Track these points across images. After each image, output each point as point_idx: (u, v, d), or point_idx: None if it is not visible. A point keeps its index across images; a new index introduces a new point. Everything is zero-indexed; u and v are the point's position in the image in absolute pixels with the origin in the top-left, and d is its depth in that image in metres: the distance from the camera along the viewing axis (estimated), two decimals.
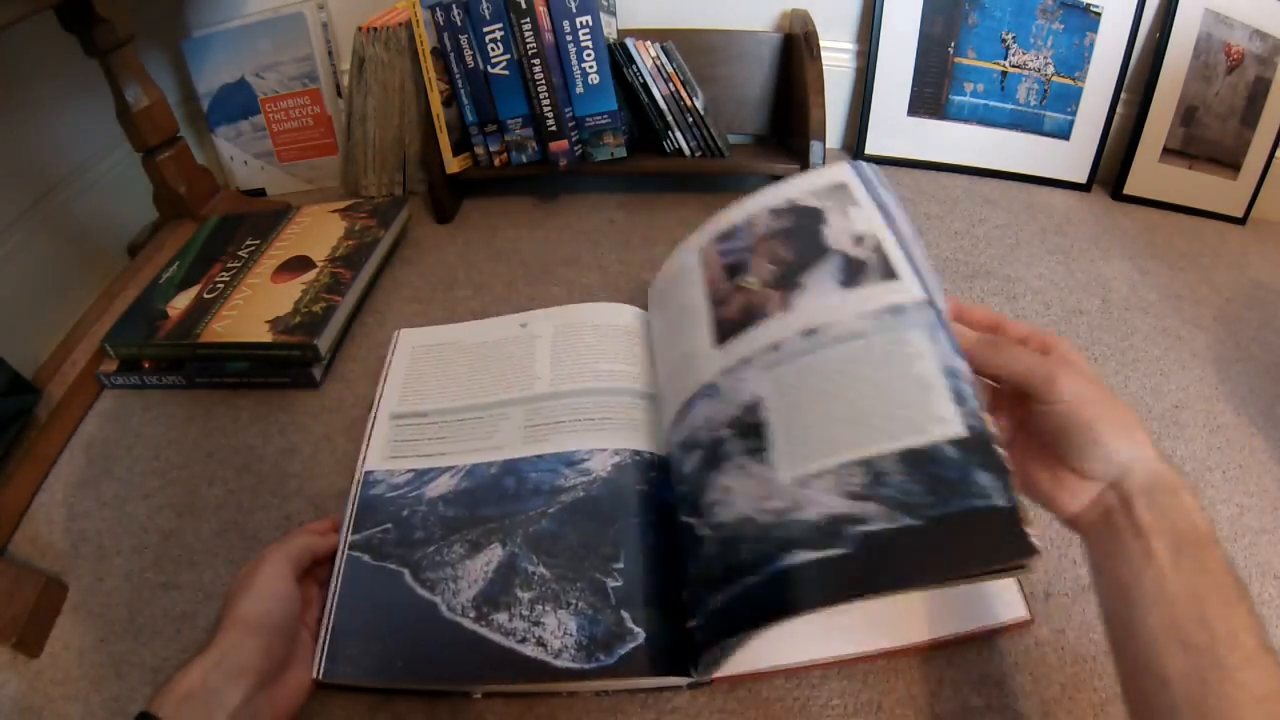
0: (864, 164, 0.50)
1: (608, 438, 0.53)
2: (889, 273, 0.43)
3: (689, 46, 0.91)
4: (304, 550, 0.47)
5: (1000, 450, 0.35)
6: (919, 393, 0.37)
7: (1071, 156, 1.00)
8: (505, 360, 0.63)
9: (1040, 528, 0.33)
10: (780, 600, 0.36)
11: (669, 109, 0.86)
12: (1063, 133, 0.99)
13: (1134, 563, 0.34)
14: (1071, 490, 0.37)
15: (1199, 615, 0.31)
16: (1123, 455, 0.35)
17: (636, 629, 0.42)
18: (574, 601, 0.44)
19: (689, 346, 0.51)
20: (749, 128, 0.99)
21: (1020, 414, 0.40)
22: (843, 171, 0.50)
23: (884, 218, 0.46)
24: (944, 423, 0.36)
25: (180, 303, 0.72)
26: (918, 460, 0.36)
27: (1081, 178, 1.01)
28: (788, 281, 0.46)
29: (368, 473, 0.54)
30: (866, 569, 0.34)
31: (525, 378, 0.60)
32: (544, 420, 0.56)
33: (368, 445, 0.57)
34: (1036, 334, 0.40)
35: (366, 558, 0.49)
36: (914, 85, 0.99)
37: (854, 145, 1.04)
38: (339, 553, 0.49)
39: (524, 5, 0.78)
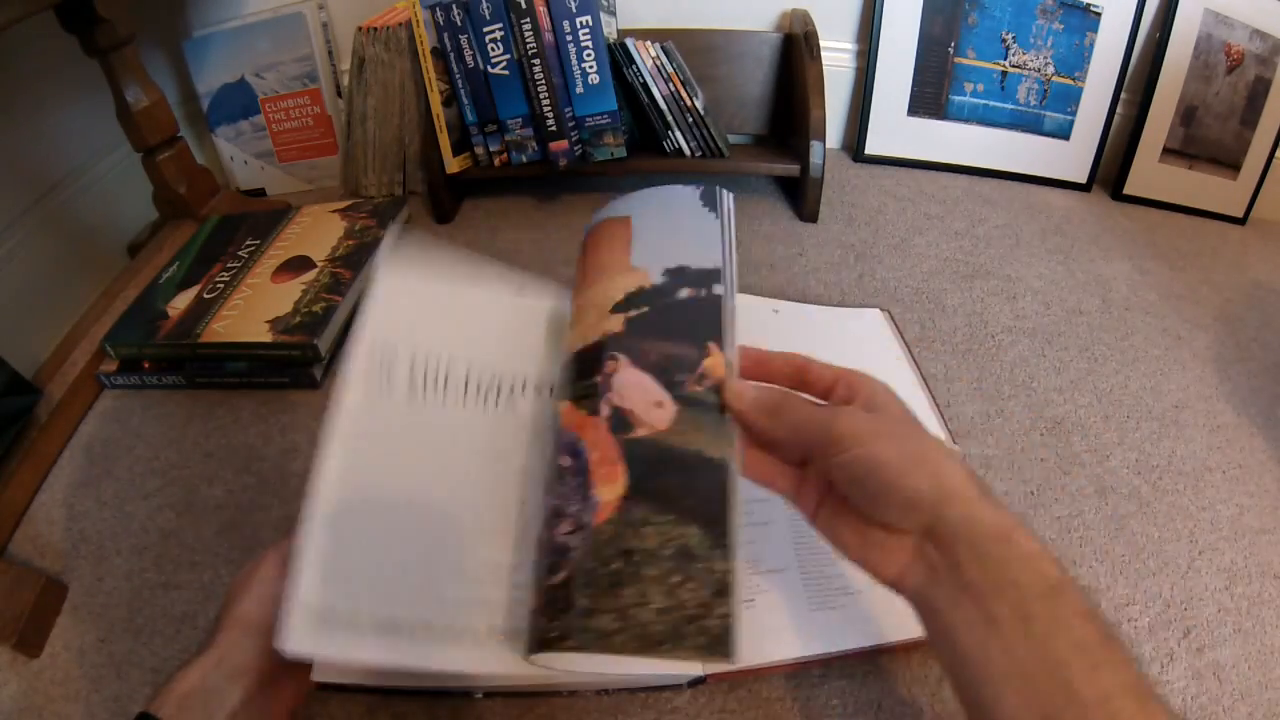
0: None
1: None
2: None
3: (689, 46, 0.91)
4: None
5: None
6: None
7: (1071, 156, 1.00)
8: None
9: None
10: None
11: (669, 109, 0.86)
12: (1063, 133, 0.99)
13: (975, 632, 0.29)
14: (885, 548, 0.33)
15: (1062, 685, 0.26)
16: (925, 496, 0.30)
17: None
18: None
19: None
20: (749, 128, 0.99)
21: (824, 473, 0.35)
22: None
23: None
24: None
25: (180, 303, 0.72)
26: None
27: (1081, 178, 1.01)
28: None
29: None
30: None
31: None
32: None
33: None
34: (843, 377, 0.36)
35: None
36: (914, 85, 0.99)
37: (854, 145, 1.04)
38: None
39: (524, 5, 0.78)
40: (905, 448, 0.32)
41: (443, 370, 0.47)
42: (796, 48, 0.89)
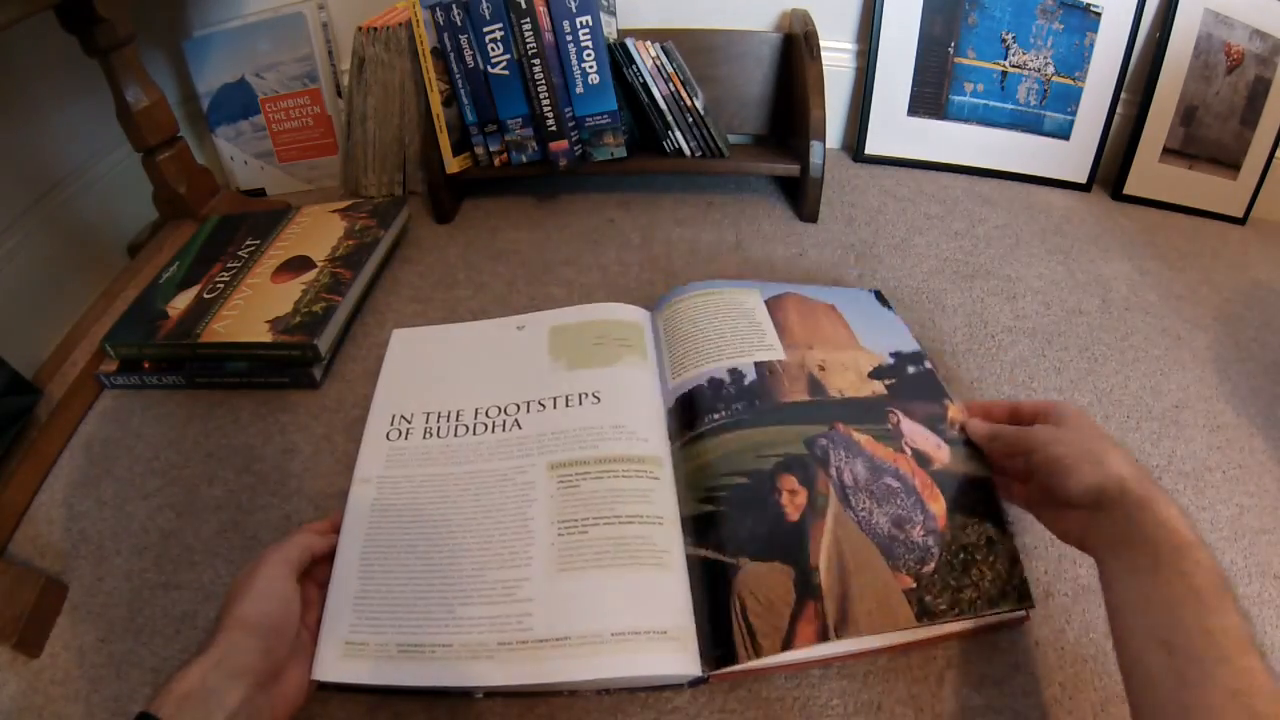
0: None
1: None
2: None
3: (689, 46, 0.91)
4: (303, 551, 0.46)
5: None
6: None
7: (1071, 156, 1.00)
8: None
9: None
10: None
11: (669, 109, 0.86)
12: (1063, 133, 0.99)
13: (1122, 576, 0.38)
14: (1066, 519, 0.44)
15: (1176, 619, 0.34)
16: (1091, 479, 0.40)
17: None
18: None
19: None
20: (749, 128, 0.99)
21: (1032, 476, 0.47)
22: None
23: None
24: None
25: (180, 303, 0.72)
26: None
27: (1081, 178, 1.01)
28: None
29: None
30: None
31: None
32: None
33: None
34: (1040, 405, 0.48)
35: None
36: (914, 85, 0.99)
37: (854, 145, 1.04)
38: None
39: (524, 5, 0.78)
40: (1076, 446, 0.43)
41: (454, 419, 0.58)
42: (796, 48, 0.89)
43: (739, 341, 0.60)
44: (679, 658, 0.42)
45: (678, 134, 0.88)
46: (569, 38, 0.80)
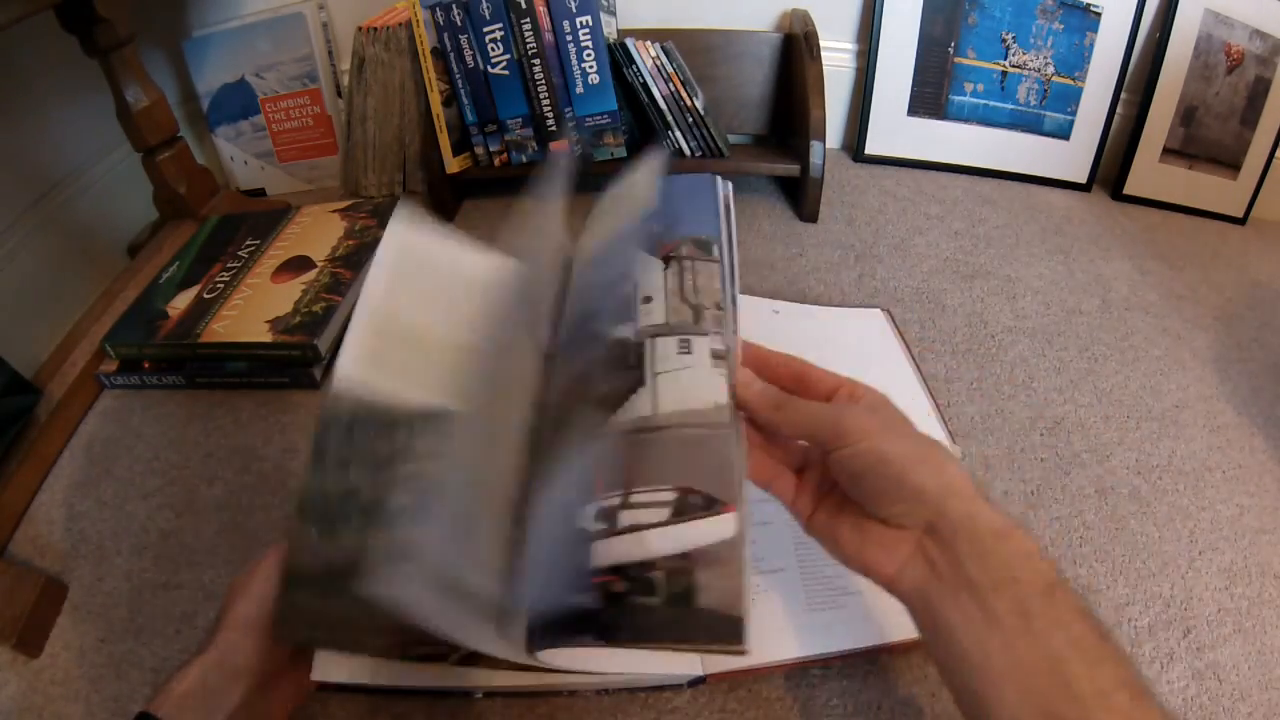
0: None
1: None
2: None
3: (689, 46, 0.91)
4: None
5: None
6: None
7: (1071, 156, 1.00)
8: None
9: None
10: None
11: (669, 109, 0.86)
12: (1063, 133, 0.99)
13: (974, 629, 0.29)
14: (884, 545, 0.33)
15: (1061, 682, 0.27)
16: (930, 491, 0.31)
17: None
18: None
19: None
20: (749, 128, 0.99)
21: (823, 475, 0.37)
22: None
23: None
24: None
25: (180, 303, 0.72)
26: None
27: (1081, 178, 1.01)
28: None
29: None
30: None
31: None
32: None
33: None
34: (845, 384, 0.37)
35: None
36: (914, 85, 0.99)
37: (854, 145, 1.04)
38: None
39: (524, 5, 0.78)
40: (911, 445, 0.33)
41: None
42: (796, 48, 0.89)
43: None
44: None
45: (678, 134, 0.88)
46: (569, 38, 0.80)
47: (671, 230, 0.44)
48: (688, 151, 0.89)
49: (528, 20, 0.78)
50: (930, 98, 1.00)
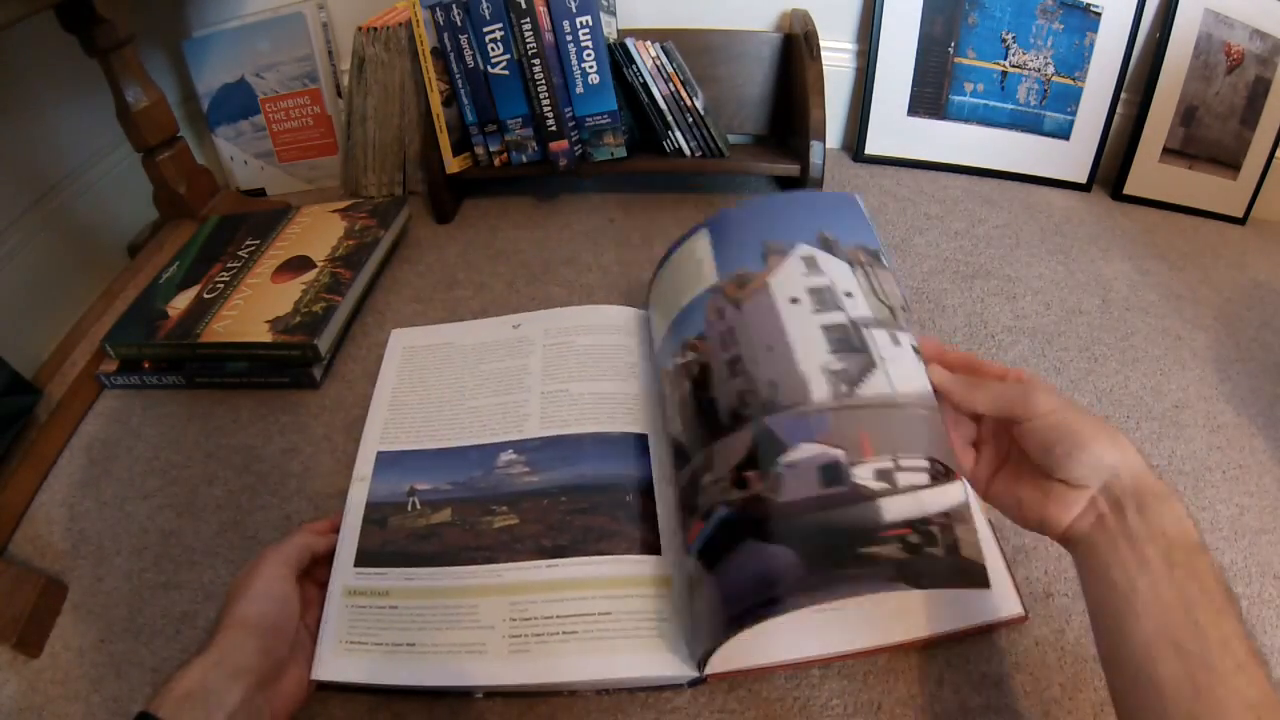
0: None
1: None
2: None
3: (689, 46, 0.91)
4: (303, 551, 0.47)
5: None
6: None
7: (1071, 156, 1.00)
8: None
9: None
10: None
11: (669, 109, 0.86)
12: (1063, 133, 0.99)
13: (1129, 569, 0.34)
14: (1063, 502, 0.38)
15: (1192, 621, 0.32)
16: (1109, 458, 0.36)
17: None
18: None
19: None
20: (749, 128, 0.99)
21: (1004, 444, 0.42)
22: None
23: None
24: None
25: (180, 303, 0.72)
26: None
27: (1081, 178, 1.01)
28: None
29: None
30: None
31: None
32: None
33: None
34: (1013, 372, 0.42)
35: None
36: (914, 85, 0.99)
37: (854, 145, 1.04)
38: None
39: (524, 5, 0.78)
40: (1090, 419, 0.38)
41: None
42: (796, 48, 0.89)
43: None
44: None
45: (678, 134, 0.88)
46: (569, 38, 0.80)
47: (841, 239, 0.49)
48: (688, 151, 0.89)
49: (528, 20, 0.78)
50: (930, 98, 1.00)
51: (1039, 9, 0.94)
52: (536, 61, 0.80)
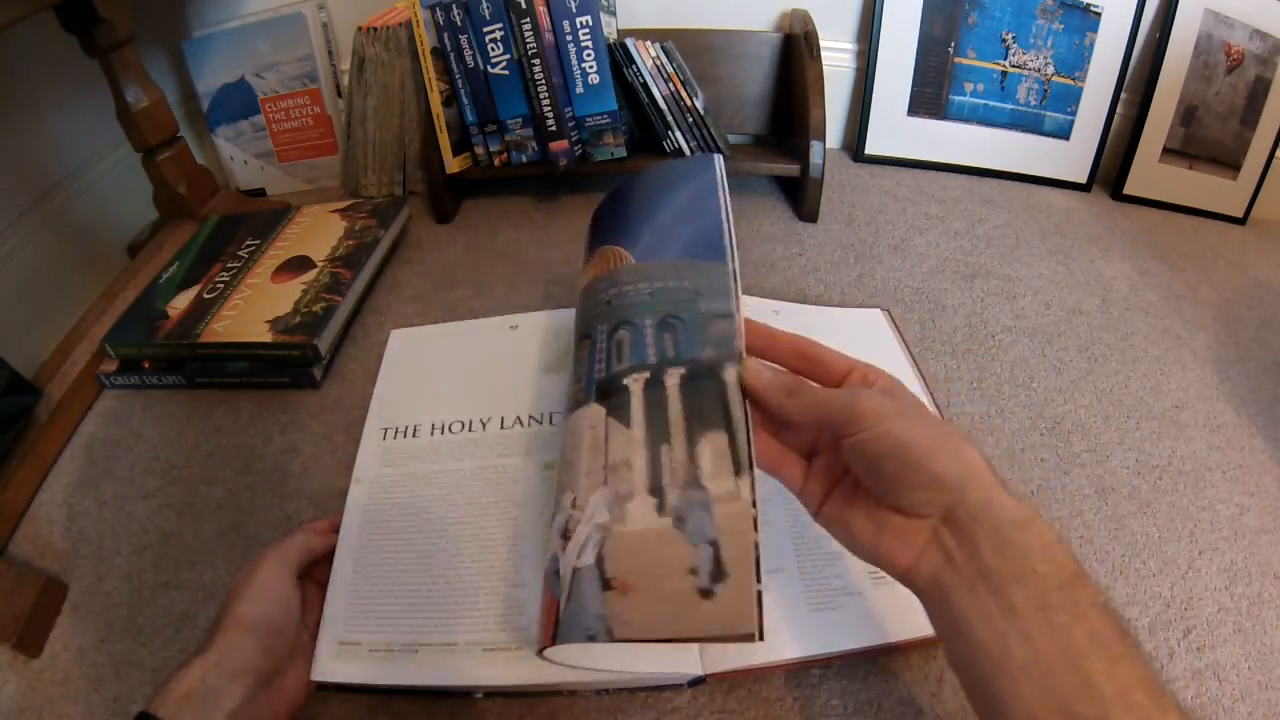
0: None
1: None
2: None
3: (689, 46, 0.91)
4: (303, 551, 0.47)
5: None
6: None
7: (1071, 156, 1.00)
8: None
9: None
10: None
11: (669, 109, 0.86)
12: (1063, 133, 0.99)
13: (992, 621, 0.28)
14: (899, 535, 0.32)
15: (1083, 679, 0.26)
16: (949, 477, 0.30)
17: None
18: None
19: None
20: (749, 128, 0.99)
21: (837, 461, 0.35)
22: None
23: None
24: None
25: (180, 303, 0.72)
26: None
27: (1081, 178, 1.01)
28: None
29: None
30: None
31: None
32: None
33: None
34: (858, 367, 0.36)
35: None
36: (914, 85, 0.99)
37: (854, 145, 1.04)
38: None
39: (524, 5, 0.78)
40: (929, 429, 0.31)
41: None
42: (796, 48, 0.89)
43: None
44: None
45: (678, 134, 0.88)
46: (569, 38, 0.80)
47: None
48: (688, 151, 0.89)
49: (528, 20, 0.78)
50: (930, 98, 1.00)
51: (1039, 9, 0.94)
52: (536, 61, 0.80)
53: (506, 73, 0.82)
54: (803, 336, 0.38)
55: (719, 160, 0.49)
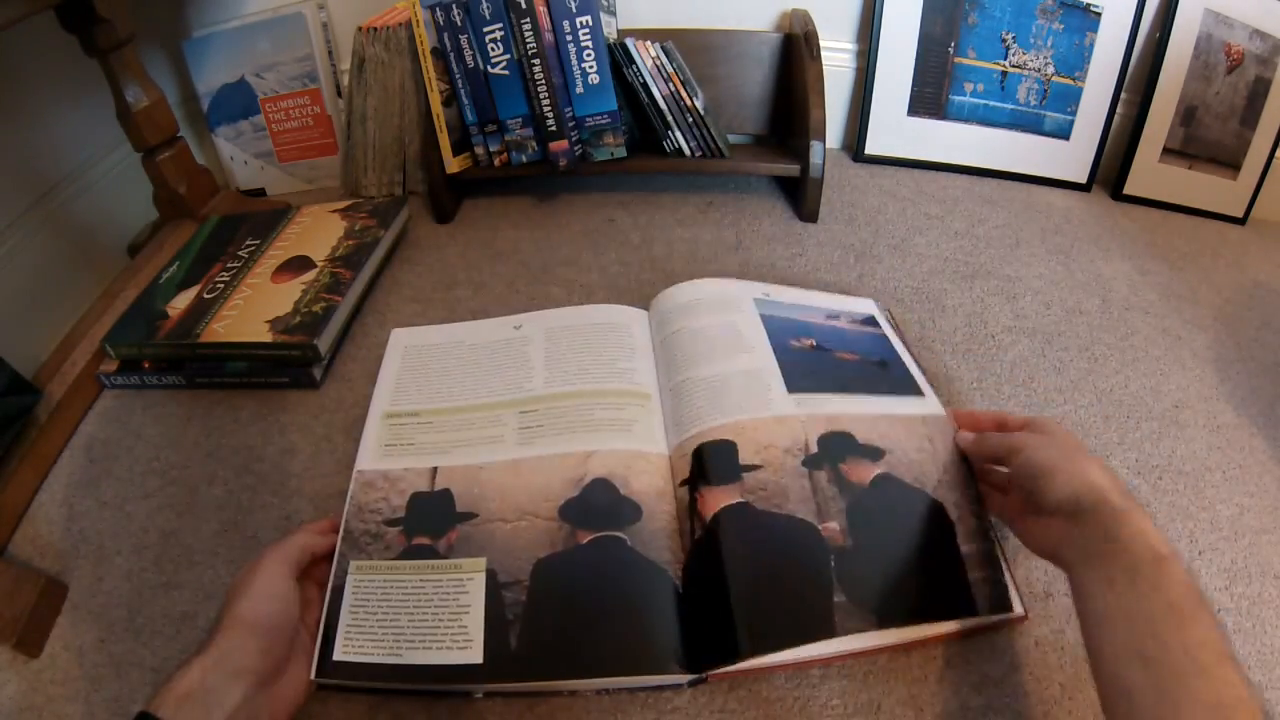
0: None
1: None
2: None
3: (689, 46, 0.91)
4: (303, 550, 0.47)
5: None
6: None
7: (1071, 156, 1.00)
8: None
9: None
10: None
11: (669, 109, 0.86)
12: (1063, 133, 0.99)
13: (1098, 588, 0.38)
14: (1042, 528, 0.44)
15: (1154, 633, 0.34)
16: (1070, 486, 0.41)
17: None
18: None
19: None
20: (749, 128, 0.99)
21: (1016, 488, 0.47)
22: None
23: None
24: None
25: (180, 303, 0.72)
26: None
27: (1081, 178, 1.01)
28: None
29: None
30: None
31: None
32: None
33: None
34: (1030, 420, 0.49)
35: None
36: (914, 85, 0.99)
37: (854, 145, 1.04)
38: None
39: (524, 5, 0.78)
40: (1057, 454, 0.43)
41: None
42: (796, 48, 0.89)
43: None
44: None
45: (678, 134, 0.88)
46: (569, 38, 0.80)
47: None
48: (688, 151, 0.89)
49: (528, 20, 0.78)
50: (930, 98, 1.00)
51: (1039, 9, 0.94)
52: (536, 61, 0.80)
53: (506, 73, 0.82)
54: (995, 411, 0.55)
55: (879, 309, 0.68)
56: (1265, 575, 0.52)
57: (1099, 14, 0.93)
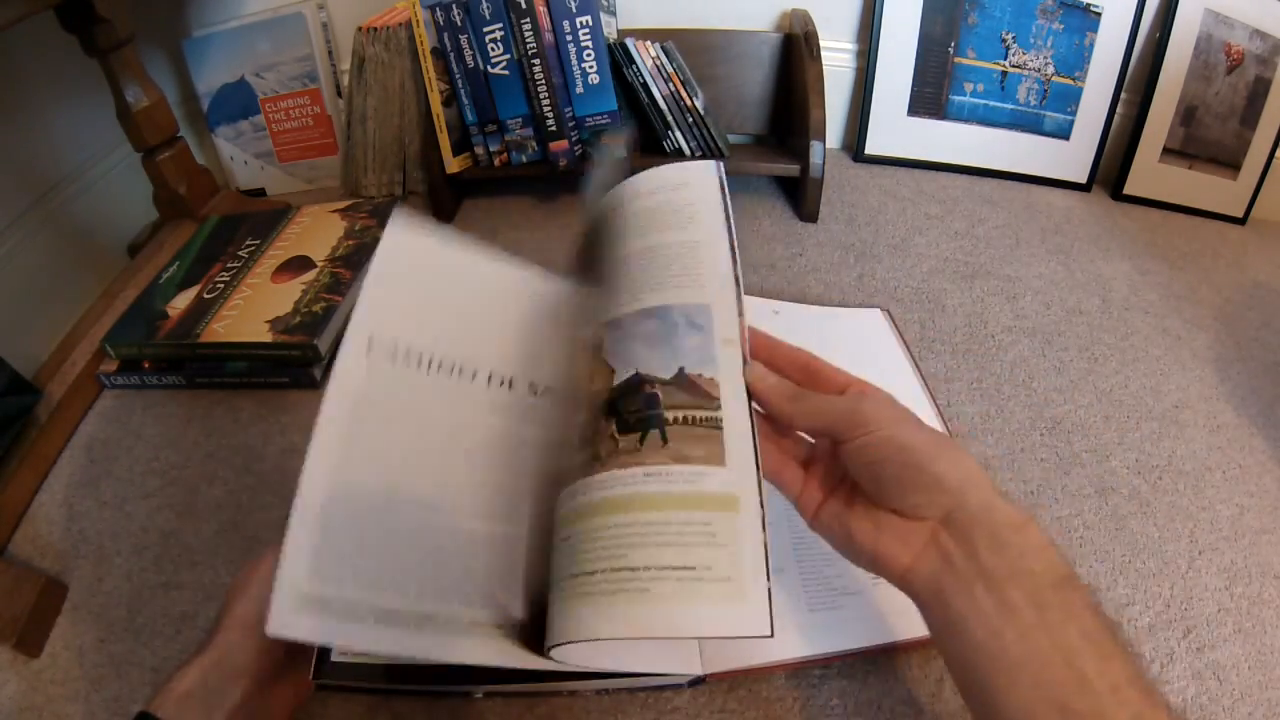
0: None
1: None
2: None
3: (689, 46, 0.91)
4: None
5: None
6: None
7: (1071, 156, 1.00)
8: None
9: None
10: None
11: (669, 109, 0.86)
12: (1063, 133, 0.99)
13: (989, 620, 0.29)
14: (899, 536, 0.32)
15: (1076, 675, 0.27)
16: (950, 480, 0.31)
17: None
18: None
19: None
20: (749, 128, 0.99)
21: (835, 467, 0.36)
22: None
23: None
24: None
25: (180, 303, 0.72)
26: None
27: (1081, 178, 1.01)
28: None
29: None
30: None
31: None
32: None
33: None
34: (855, 382, 0.36)
35: None
36: (914, 85, 0.99)
37: (854, 145, 1.04)
38: None
39: (524, 5, 0.78)
40: (929, 435, 0.32)
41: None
42: (796, 48, 0.89)
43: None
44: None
45: (678, 134, 0.88)
46: (569, 38, 0.80)
47: None
48: (688, 151, 0.89)
49: (528, 20, 0.78)
50: (930, 98, 1.00)
51: (1039, 9, 0.94)
52: (536, 61, 0.80)
53: (506, 73, 0.82)
54: (803, 349, 0.38)
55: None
56: (1265, 575, 0.52)
57: (1099, 14, 0.93)
